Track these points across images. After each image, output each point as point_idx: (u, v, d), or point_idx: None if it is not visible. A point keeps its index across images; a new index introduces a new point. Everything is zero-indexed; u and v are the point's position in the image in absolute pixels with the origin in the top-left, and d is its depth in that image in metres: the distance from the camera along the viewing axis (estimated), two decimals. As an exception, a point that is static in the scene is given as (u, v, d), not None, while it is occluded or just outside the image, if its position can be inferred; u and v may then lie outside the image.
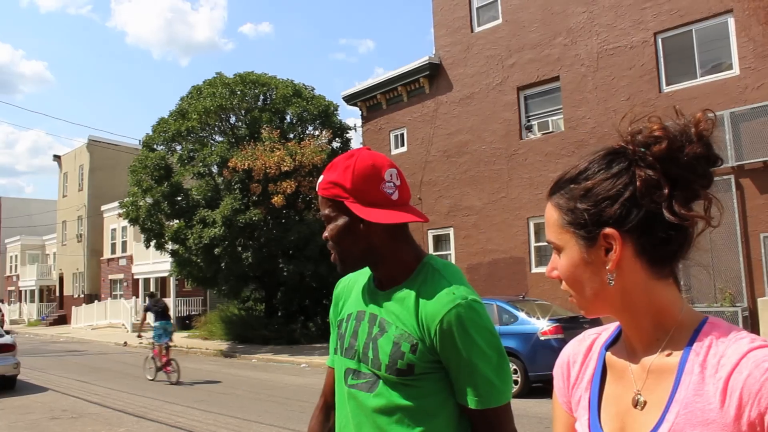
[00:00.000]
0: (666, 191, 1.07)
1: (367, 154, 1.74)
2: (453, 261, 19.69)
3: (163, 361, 14.61)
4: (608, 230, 1.10)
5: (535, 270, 17.51)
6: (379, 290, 1.77)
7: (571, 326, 11.49)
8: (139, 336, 15.73)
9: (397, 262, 1.73)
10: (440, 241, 20.57)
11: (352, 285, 1.91)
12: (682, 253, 1.12)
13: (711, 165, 1.10)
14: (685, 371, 1.06)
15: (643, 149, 1.10)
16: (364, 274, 1.87)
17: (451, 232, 20.04)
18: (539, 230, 17.55)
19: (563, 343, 11.18)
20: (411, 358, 1.61)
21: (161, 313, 14.84)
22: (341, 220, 1.71)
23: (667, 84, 15.44)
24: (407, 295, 1.68)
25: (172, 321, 15.86)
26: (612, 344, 1.24)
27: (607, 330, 1.29)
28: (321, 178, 1.76)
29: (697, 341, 1.07)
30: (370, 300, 1.78)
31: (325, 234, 1.75)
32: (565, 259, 1.16)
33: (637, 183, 1.09)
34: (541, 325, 11.65)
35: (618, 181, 1.10)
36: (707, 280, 13.55)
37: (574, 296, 1.18)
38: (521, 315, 12.09)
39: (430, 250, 20.56)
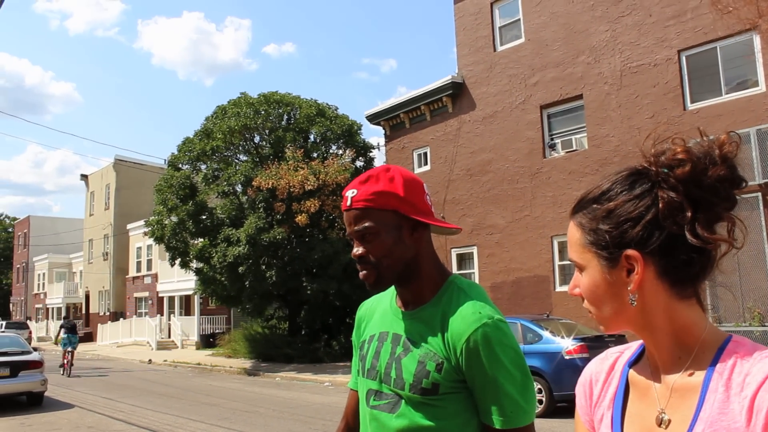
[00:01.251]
0: (689, 214, 1.07)
1: (401, 168, 1.76)
2: (477, 280, 19.62)
3: (65, 360, 21.33)
4: (630, 252, 1.10)
5: (559, 288, 17.38)
6: (403, 310, 1.76)
7: (596, 345, 11.38)
8: (56, 343, 24.82)
9: (429, 278, 1.73)
10: (464, 260, 20.50)
11: (375, 307, 1.90)
12: (704, 275, 1.12)
13: (735, 187, 1.10)
14: (709, 390, 1.06)
15: (666, 170, 1.11)
16: (386, 296, 1.87)
17: (474, 250, 19.97)
18: (563, 249, 17.44)
19: (588, 362, 11.05)
20: (436, 377, 1.61)
21: (70, 329, 21.80)
22: (390, 231, 1.67)
23: (692, 102, 15.34)
24: (433, 314, 1.68)
25: (78, 335, 22.88)
26: (635, 362, 1.25)
27: (630, 348, 1.29)
28: (354, 191, 1.69)
29: (721, 360, 1.07)
30: (393, 320, 1.77)
31: (361, 251, 1.69)
32: (587, 279, 1.17)
33: (660, 205, 1.09)
34: (566, 344, 11.54)
35: (640, 203, 1.11)
36: (735, 300, 13.35)
37: (595, 314, 1.19)
38: (546, 334, 12.00)
39: (454, 269, 20.51)
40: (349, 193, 1.70)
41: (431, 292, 1.72)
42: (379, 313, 1.86)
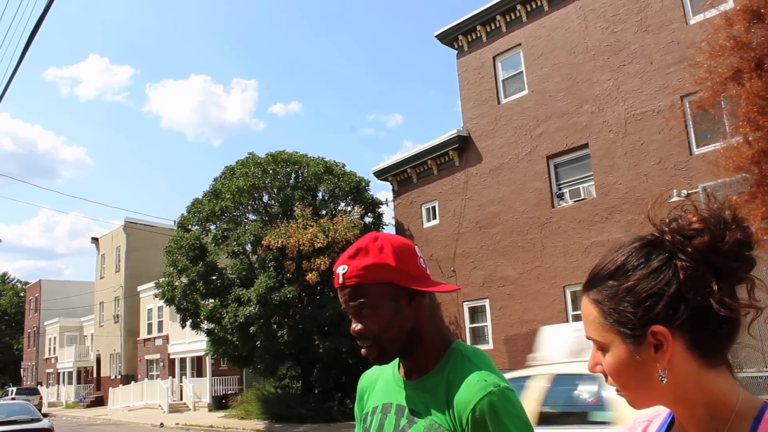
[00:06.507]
0: (714, 285, 1.03)
1: (390, 234, 1.71)
2: (490, 333, 19.44)
3: None
4: (657, 328, 1.05)
5: (574, 339, 17.13)
6: (406, 380, 1.71)
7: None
8: None
9: (432, 346, 1.67)
10: (476, 313, 20.33)
11: (377, 377, 1.85)
12: (733, 340, 1.08)
13: (751, 248, 1.07)
14: None
15: (681, 237, 1.07)
16: (388, 365, 1.80)
17: (486, 303, 19.81)
18: (576, 298, 17.27)
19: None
20: None
21: None
22: (387, 304, 1.62)
23: (698, 146, 15.36)
24: (437, 383, 1.62)
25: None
26: (665, 433, 1.20)
27: (659, 417, 1.24)
28: (344, 268, 1.63)
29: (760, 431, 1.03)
30: (397, 391, 1.72)
31: (360, 327, 1.64)
32: (612, 359, 1.12)
33: (681, 276, 1.05)
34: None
35: (660, 277, 1.06)
36: (754, 344, 13.12)
37: (623, 393, 1.13)
38: (563, 387, 11.78)
39: (466, 322, 20.33)
40: (340, 270, 1.65)
41: (435, 360, 1.66)
42: (382, 383, 1.80)
